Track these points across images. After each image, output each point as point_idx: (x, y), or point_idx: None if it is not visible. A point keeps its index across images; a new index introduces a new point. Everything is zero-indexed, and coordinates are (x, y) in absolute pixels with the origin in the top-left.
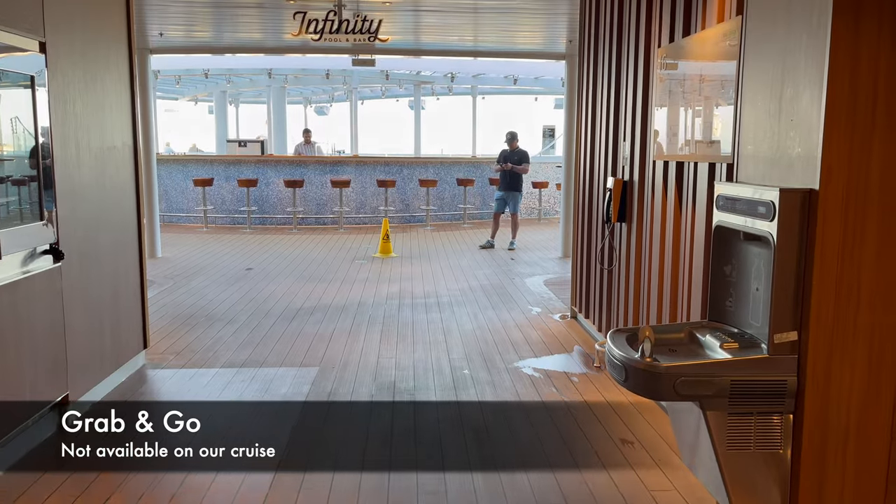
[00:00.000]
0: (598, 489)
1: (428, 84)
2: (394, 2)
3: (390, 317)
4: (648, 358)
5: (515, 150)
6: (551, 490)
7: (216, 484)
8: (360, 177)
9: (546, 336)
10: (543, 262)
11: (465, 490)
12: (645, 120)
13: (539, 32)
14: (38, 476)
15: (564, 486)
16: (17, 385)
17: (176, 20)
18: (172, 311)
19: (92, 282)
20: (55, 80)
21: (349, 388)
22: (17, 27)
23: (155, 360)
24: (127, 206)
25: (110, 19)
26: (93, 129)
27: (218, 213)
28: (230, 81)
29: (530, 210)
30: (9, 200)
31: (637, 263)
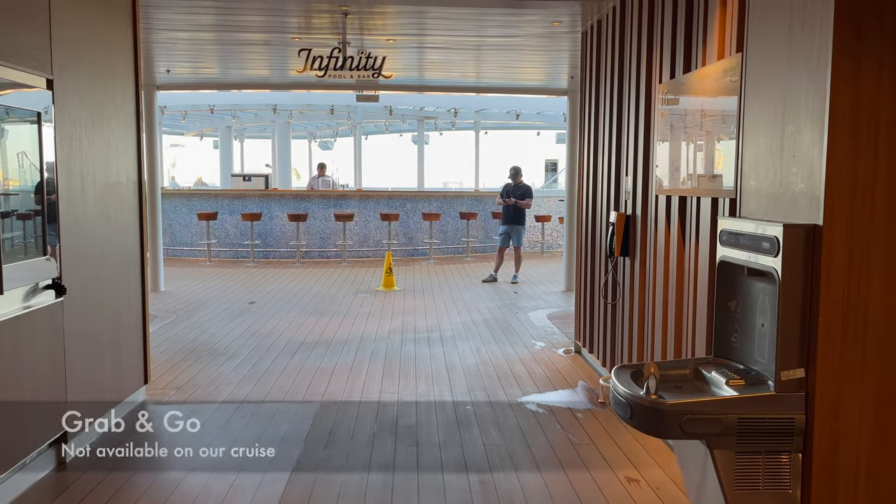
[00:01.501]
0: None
1: (431, 119)
2: (398, 39)
3: (393, 351)
4: (653, 395)
5: (519, 185)
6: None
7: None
8: (363, 210)
9: (550, 371)
10: (547, 295)
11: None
12: (647, 154)
13: (541, 69)
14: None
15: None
16: (16, 421)
17: (183, 57)
18: (174, 346)
19: (94, 316)
20: (62, 117)
21: (350, 425)
22: (25, 64)
23: (156, 396)
24: (130, 240)
25: (118, 56)
26: (98, 164)
27: (222, 247)
28: (235, 117)
29: (533, 243)
30: (13, 235)
31: (641, 298)
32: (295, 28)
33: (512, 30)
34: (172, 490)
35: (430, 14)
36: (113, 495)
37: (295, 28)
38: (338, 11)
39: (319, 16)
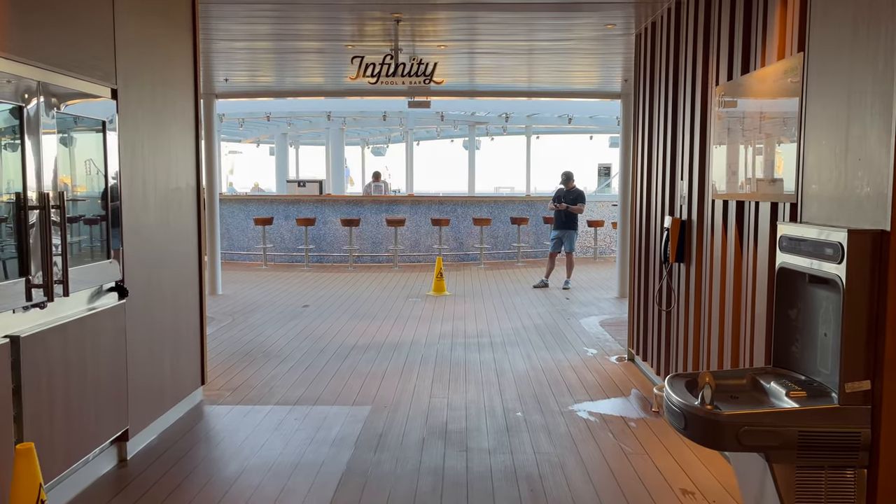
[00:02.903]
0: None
1: (482, 124)
2: (449, 45)
3: (443, 356)
4: (709, 405)
5: (571, 190)
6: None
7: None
8: (414, 216)
9: (602, 378)
10: (599, 301)
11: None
12: (703, 158)
13: (594, 72)
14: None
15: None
16: (80, 418)
17: (240, 66)
18: (230, 348)
19: (154, 318)
20: (125, 125)
21: (400, 429)
22: (92, 75)
23: (212, 397)
24: (189, 245)
25: (178, 66)
26: (159, 171)
27: (277, 252)
28: (291, 124)
29: (586, 249)
30: (81, 239)
31: (696, 305)
32: (348, 36)
33: (564, 33)
34: (226, 490)
35: (481, 19)
36: (170, 493)
37: (348, 36)
38: (390, 19)
39: (372, 23)
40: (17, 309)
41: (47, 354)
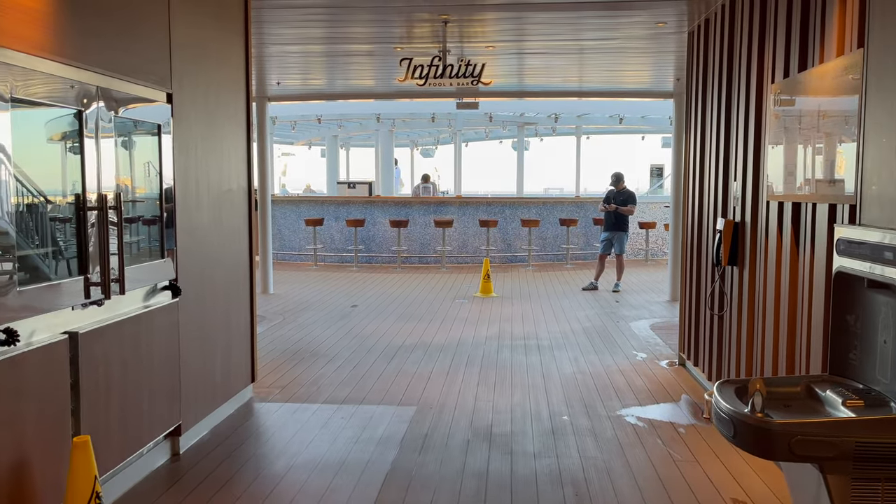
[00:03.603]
0: None
1: (531, 125)
2: (497, 46)
3: (489, 358)
4: (759, 413)
5: (621, 191)
6: None
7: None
8: (462, 217)
9: (651, 383)
10: (650, 305)
11: None
12: (757, 158)
13: (646, 71)
14: (152, 501)
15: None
16: (135, 413)
17: (293, 69)
18: (280, 346)
19: (206, 317)
20: (179, 128)
21: (445, 431)
22: (148, 80)
23: (261, 394)
24: (240, 244)
25: (230, 70)
26: (212, 173)
27: (327, 252)
28: (341, 126)
29: (637, 251)
30: (137, 239)
31: (750, 310)
32: (397, 38)
33: (614, 32)
34: (274, 486)
35: (529, 20)
36: (220, 488)
37: (397, 38)
38: (438, 20)
39: (420, 25)
40: (76, 306)
41: (104, 350)
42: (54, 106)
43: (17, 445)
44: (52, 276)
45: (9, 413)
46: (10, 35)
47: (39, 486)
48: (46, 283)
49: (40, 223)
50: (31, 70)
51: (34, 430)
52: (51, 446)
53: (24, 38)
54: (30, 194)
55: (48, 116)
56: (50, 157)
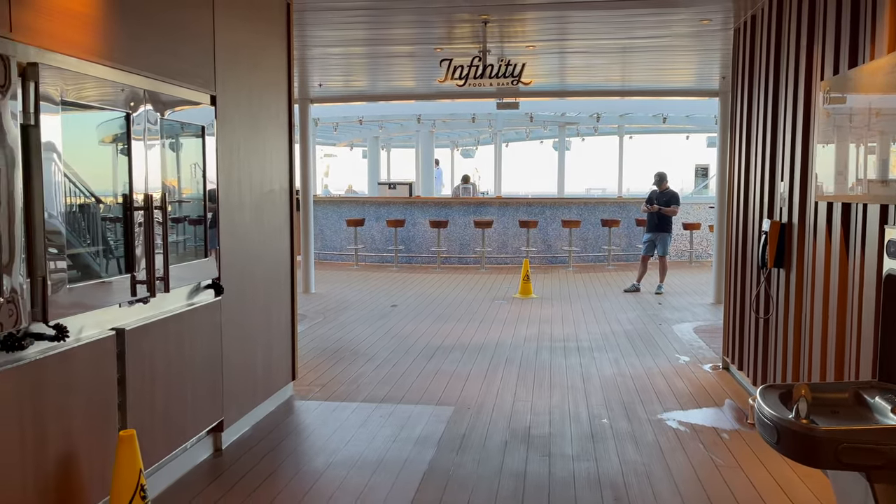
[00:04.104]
0: None
1: (573, 125)
2: (538, 45)
3: (527, 359)
4: (804, 419)
5: (664, 192)
6: None
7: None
8: (502, 217)
9: (694, 387)
10: (693, 307)
11: None
12: (806, 157)
13: (690, 69)
14: (195, 494)
15: None
16: (179, 408)
17: (335, 71)
18: (321, 345)
19: (247, 315)
20: (222, 130)
21: (483, 431)
22: (192, 83)
23: (302, 392)
24: (281, 244)
25: (272, 73)
26: (254, 173)
27: (368, 252)
28: (382, 127)
29: (681, 252)
30: (181, 238)
31: (797, 313)
32: (437, 39)
33: (658, 30)
34: (313, 483)
35: (571, 18)
36: (261, 483)
37: (437, 39)
38: (478, 20)
39: (461, 25)
40: (123, 303)
41: (149, 346)
42: (104, 109)
43: (66, 438)
44: (101, 275)
45: (58, 406)
46: (61, 40)
47: (87, 478)
48: (95, 281)
49: (90, 223)
50: (82, 74)
51: (82, 423)
52: (98, 439)
53: (75, 43)
54: (81, 194)
55: (99, 119)
56: (101, 159)
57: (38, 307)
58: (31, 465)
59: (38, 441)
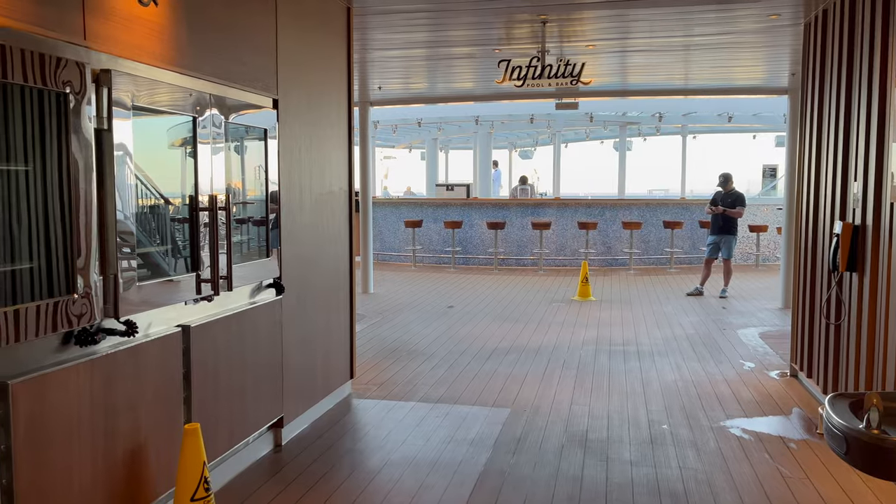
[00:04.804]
0: None
1: (634, 125)
2: (597, 45)
3: (586, 363)
4: (875, 430)
5: (730, 192)
6: None
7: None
8: (560, 219)
9: (759, 394)
10: (760, 312)
11: None
12: (881, 157)
13: (758, 66)
14: (255, 488)
15: None
16: (241, 404)
17: (394, 74)
18: (378, 345)
19: (307, 314)
20: (284, 133)
21: (539, 434)
22: (256, 87)
23: (359, 390)
24: (340, 245)
25: (333, 76)
26: (314, 175)
27: (425, 253)
28: (441, 129)
29: (746, 255)
30: (245, 238)
31: (871, 319)
32: (496, 40)
33: (723, 26)
34: (369, 481)
35: (632, 17)
36: (319, 479)
37: (496, 40)
38: (537, 20)
39: (519, 26)
40: (188, 301)
41: (213, 343)
42: (172, 113)
43: (135, 430)
44: (168, 273)
45: (128, 399)
46: (132, 47)
47: (154, 468)
48: (163, 279)
49: (159, 223)
50: (152, 80)
51: (149, 416)
52: (164, 432)
53: (145, 50)
54: (150, 196)
55: (168, 123)
56: (169, 162)
57: (110, 304)
58: (102, 455)
59: (109, 432)
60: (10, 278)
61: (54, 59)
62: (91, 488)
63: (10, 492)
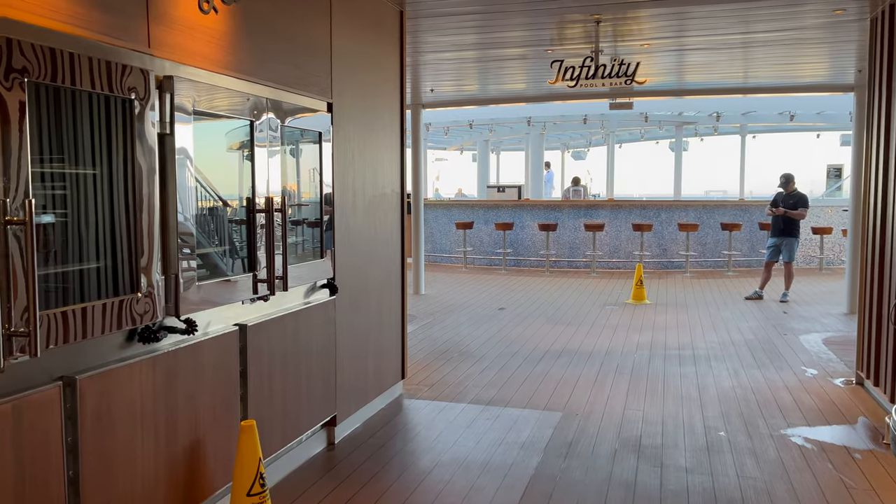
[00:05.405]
0: None
1: (691, 124)
2: (653, 44)
3: (640, 367)
4: None
5: (791, 193)
6: None
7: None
8: (614, 220)
9: (823, 402)
10: (823, 317)
11: None
12: None
13: (821, 63)
14: (309, 485)
15: None
16: (295, 402)
17: (446, 76)
18: (429, 346)
19: (360, 314)
20: (338, 136)
21: (591, 439)
22: (311, 91)
23: (411, 391)
24: (392, 246)
25: (385, 78)
26: (367, 177)
27: (476, 255)
28: (492, 130)
29: (809, 259)
30: (303, 239)
31: None
32: (548, 40)
33: (785, 22)
34: (420, 481)
35: (689, 14)
36: (370, 479)
37: (548, 40)
38: (590, 20)
39: (572, 26)
40: (245, 300)
41: (269, 342)
42: (230, 118)
43: (194, 426)
44: (226, 273)
45: (187, 395)
46: (193, 54)
47: (211, 463)
48: (221, 279)
49: (217, 224)
50: (212, 85)
51: (208, 412)
52: (221, 428)
53: (205, 57)
54: (209, 198)
55: (226, 127)
56: (227, 165)
57: (171, 302)
58: (163, 448)
59: (169, 427)
60: (78, 277)
61: (120, 66)
62: (153, 481)
63: (77, 482)
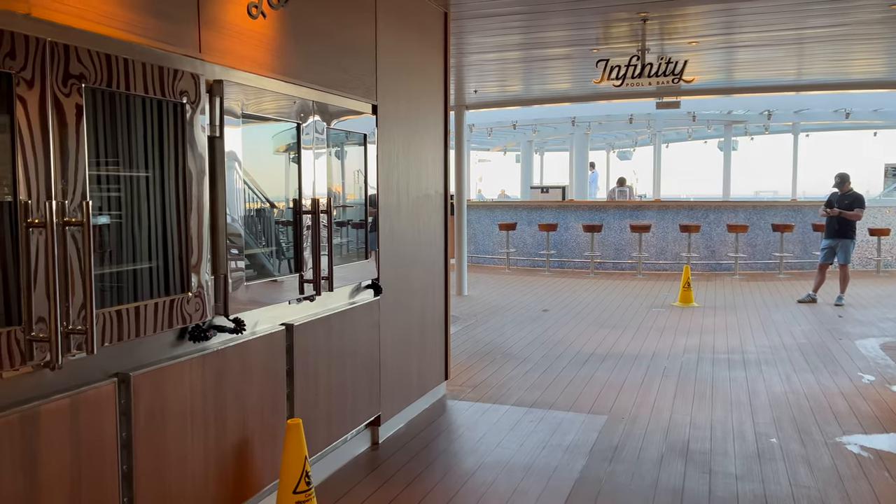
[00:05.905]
0: None
1: (740, 123)
2: (701, 41)
3: (687, 371)
4: None
5: (846, 194)
6: None
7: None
8: (661, 221)
9: (880, 410)
10: (881, 322)
11: None
12: None
13: (878, 59)
14: (353, 484)
15: None
16: (340, 401)
17: (490, 77)
18: (472, 347)
19: (403, 315)
20: (382, 138)
21: (638, 443)
22: (356, 93)
23: (454, 392)
24: (436, 247)
25: (429, 80)
26: (411, 179)
27: (519, 256)
28: (536, 131)
29: (866, 261)
30: (348, 240)
31: None
32: (593, 40)
33: (838, 18)
34: (463, 483)
35: (739, 11)
36: (414, 479)
37: (593, 40)
38: (636, 19)
39: (618, 25)
40: (292, 300)
41: (314, 341)
42: (278, 120)
43: (242, 423)
44: (273, 274)
45: (236, 393)
46: (242, 58)
47: (258, 460)
48: (268, 280)
49: (265, 225)
50: (260, 89)
51: (255, 410)
52: (269, 426)
53: (253, 61)
54: (257, 199)
55: (273, 130)
56: (274, 167)
57: (220, 302)
58: (212, 445)
59: (219, 424)
60: (132, 277)
61: (172, 71)
62: (202, 476)
63: (130, 477)
